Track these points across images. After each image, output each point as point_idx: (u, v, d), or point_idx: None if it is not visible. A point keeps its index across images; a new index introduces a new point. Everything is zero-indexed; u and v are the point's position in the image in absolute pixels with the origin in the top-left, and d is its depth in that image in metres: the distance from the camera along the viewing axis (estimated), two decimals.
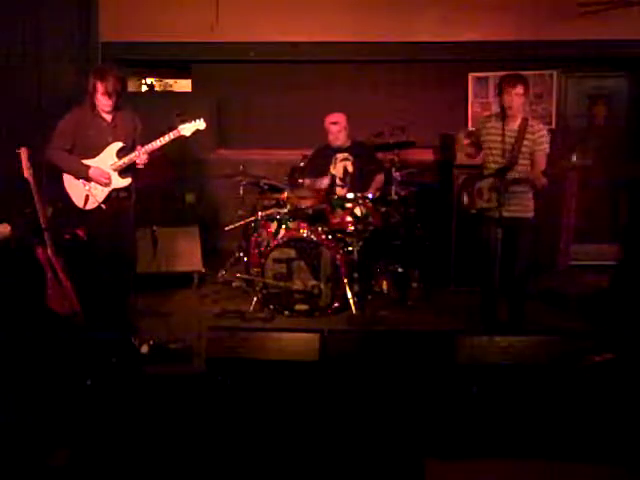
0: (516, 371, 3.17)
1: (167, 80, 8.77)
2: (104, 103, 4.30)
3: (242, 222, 5.81)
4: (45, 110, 5.46)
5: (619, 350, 3.80)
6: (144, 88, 8.55)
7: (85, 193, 4.34)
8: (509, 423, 2.98)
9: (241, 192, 5.78)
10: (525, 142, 4.30)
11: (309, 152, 5.86)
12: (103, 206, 4.35)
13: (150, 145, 4.35)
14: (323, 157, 5.64)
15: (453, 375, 3.16)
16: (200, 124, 4.47)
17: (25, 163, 4.26)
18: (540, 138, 4.35)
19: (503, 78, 4.39)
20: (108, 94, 4.25)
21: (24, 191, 4.27)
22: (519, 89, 4.28)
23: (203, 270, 5.95)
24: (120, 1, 6.54)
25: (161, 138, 4.36)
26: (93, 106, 4.33)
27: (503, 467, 2.61)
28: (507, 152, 4.31)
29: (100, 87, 4.24)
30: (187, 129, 4.45)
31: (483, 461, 2.66)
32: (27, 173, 4.26)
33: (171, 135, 4.38)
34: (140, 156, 4.32)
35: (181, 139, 4.48)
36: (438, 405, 3.08)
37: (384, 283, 5.38)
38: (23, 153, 4.27)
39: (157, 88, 8.70)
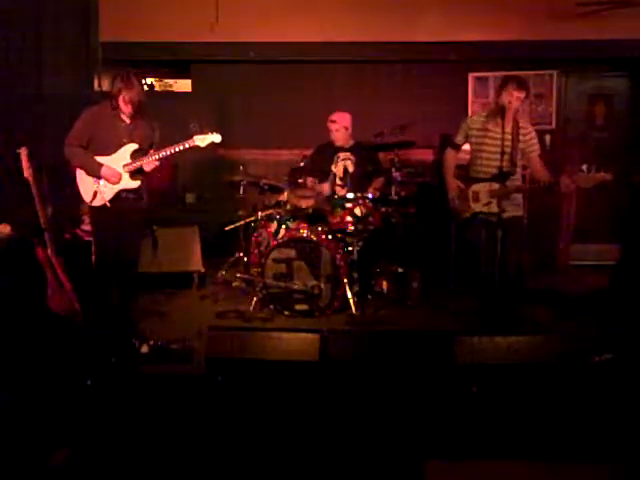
0: (516, 371, 3.17)
1: (167, 80, 8.76)
2: (125, 109, 4.31)
3: (242, 222, 5.81)
4: (45, 110, 5.46)
5: (619, 350, 3.81)
6: (144, 88, 8.55)
7: (94, 189, 4.34)
8: (509, 423, 2.98)
9: (241, 192, 5.78)
10: (520, 145, 4.29)
11: (309, 152, 5.86)
12: (108, 204, 4.35)
13: (163, 152, 4.31)
14: (325, 155, 5.64)
15: (453, 375, 3.16)
16: (216, 137, 4.39)
17: (25, 163, 4.27)
18: (532, 140, 4.35)
19: (508, 78, 4.34)
20: (132, 103, 4.26)
21: (24, 191, 4.27)
22: (522, 93, 4.25)
23: (203, 270, 5.95)
24: (120, 1, 6.54)
25: (175, 146, 4.32)
26: (114, 107, 4.32)
27: (503, 467, 2.61)
28: (505, 155, 4.22)
29: (126, 95, 4.25)
30: (202, 140, 4.38)
31: (483, 461, 2.66)
32: (27, 173, 4.27)
33: (185, 144, 4.34)
34: (151, 162, 4.31)
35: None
36: (438, 405, 3.08)
37: (384, 283, 5.38)
38: (23, 153, 4.27)
39: (157, 88, 8.69)
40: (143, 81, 8.34)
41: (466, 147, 4.60)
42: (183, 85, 8.33)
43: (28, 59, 5.57)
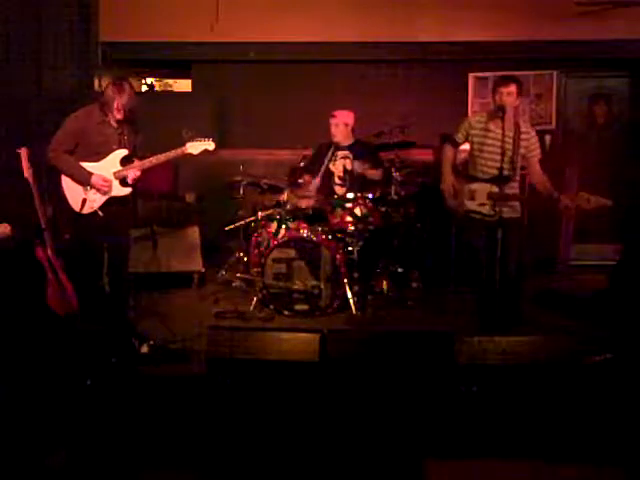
0: (516, 371, 3.16)
1: (167, 80, 8.78)
2: (116, 116, 4.23)
3: (242, 222, 5.81)
4: (45, 110, 5.46)
5: (619, 350, 3.81)
6: (144, 88, 8.56)
7: (83, 197, 4.30)
8: (509, 423, 2.98)
9: (241, 192, 5.78)
10: (521, 150, 4.28)
11: (309, 152, 5.86)
12: (100, 213, 4.30)
13: (154, 158, 4.26)
14: (324, 153, 5.64)
15: (453, 375, 3.15)
16: (209, 144, 4.35)
17: (25, 163, 4.25)
18: (533, 144, 4.36)
19: (496, 79, 4.41)
20: (124, 109, 4.18)
21: (24, 191, 4.26)
22: (511, 88, 4.26)
23: (203, 270, 5.95)
24: (120, 1, 6.54)
25: (166, 154, 4.26)
26: (104, 113, 4.25)
27: (503, 467, 2.61)
28: (505, 157, 4.20)
29: (117, 102, 4.16)
30: (195, 147, 4.33)
31: (483, 461, 2.66)
32: (27, 173, 4.25)
33: (177, 151, 4.29)
34: (142, 166, 4.25)
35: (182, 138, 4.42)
36: (438, 405, 3.07)
37: (384, 283, 5.38)
38: (23, 153, 4.26)
39: (157, 88, 8.71)
40: (143, 81, 8.42)
41: (464, 146, 4.61)
42: (183, 85, 8.35)
43: (28, 59, 5.57)
